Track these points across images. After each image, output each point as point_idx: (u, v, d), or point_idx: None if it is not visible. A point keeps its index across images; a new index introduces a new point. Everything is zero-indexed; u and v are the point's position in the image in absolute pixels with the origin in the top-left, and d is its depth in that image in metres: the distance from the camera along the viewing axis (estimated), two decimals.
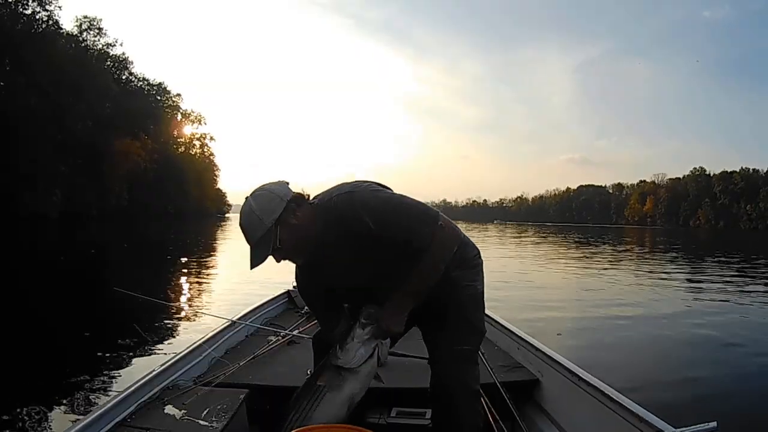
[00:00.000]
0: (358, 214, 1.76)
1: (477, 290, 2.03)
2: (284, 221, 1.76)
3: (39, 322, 6.60)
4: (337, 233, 1.80)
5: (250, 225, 1.78)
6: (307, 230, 1.80)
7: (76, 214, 47.13)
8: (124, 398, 2.20)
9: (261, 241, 1.76)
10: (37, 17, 49.81)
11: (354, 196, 1.79)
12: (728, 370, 5.18)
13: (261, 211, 1.76)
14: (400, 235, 1.78)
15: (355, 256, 1.84)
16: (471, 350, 2.01)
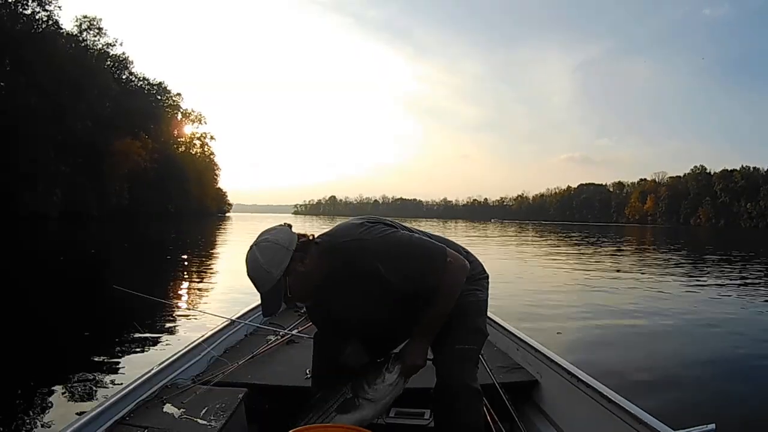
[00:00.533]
0: (368, 261, 1.82)
1: (479, 298, 2.08)
2: (292, 270, 1.79)
3: (38, 320, 6.61)
4: (347, 275, 1.86)
5: (259, 278, 1.79)
6: (316, 275, 1.85)
7: (76, 213, 47.14)
8: (123, 396, 2.20)
9: (271, 292, 1.78)
10: (36, 17, 49.83)
11: (365, 244, 1.83)
12: (728, 372, 5.16)
13: (268, 264, 1.77)
14: (411, 279, 1.84)
15: (362, 295, 1.90)
16: (473, 350, 2.03)
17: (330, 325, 2.10)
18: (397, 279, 1.82)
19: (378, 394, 1.92)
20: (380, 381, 1.91)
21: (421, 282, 1.85)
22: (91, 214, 50.50)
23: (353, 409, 1.91)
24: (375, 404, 1.93)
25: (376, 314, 1.95)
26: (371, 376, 1.93)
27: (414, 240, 1.89)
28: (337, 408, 1.91)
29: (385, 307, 1.93)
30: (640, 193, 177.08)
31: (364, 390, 1.91)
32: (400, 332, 2.04)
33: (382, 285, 1.84)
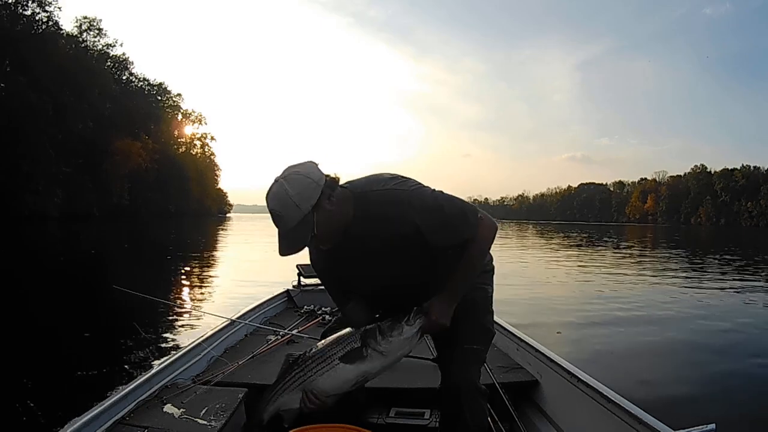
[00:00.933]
0: (404, 213, 1.72)
1: (488, 293, 2.06)
2: (321, 207, 1.65)
3: (39, 321, 6.61)
4: (374, 224, 1.74)
5: (285, 211, 1.63)
6: (342, 219, 1.73)
7: (77, 213, 47.23)
8: (123, 396, 2.20)
9: (297, 228, 1.64)
10: (36, 18, 49.93)
11: (400, 195, 1.73)
12: (728, 371, 5.14)
13: (297, 197, 1.62)
14: (445, 235, 1.76)
15: (385, 247, 1.78)
16: (481, 350, 2.02)
17: (337, 280, 1.98)
18: (430, 231, 1.73)
19: (390, 347, 1.79)
20: (396, 334, 1.78)
21: (455, 236, 1.77)
22: (92, 214, 50.59)
23: (360, 360, 1.79)
24: (384, 358, 1.80)
25: (393, 270, 1.83)
26: (386, 327, 1.79)
27: (447, 195, 1.79)
28: (342, 357, 1.80)
29: (405, 263, 1.82)
30: (640, 192, 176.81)
31: (375, 341, 1.78)
32: (411, 293, 1.87)
33: (409, 239, 1.74)
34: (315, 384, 1.81)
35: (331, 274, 1.97)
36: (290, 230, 1.65)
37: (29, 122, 42.76)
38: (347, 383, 1.81)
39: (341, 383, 1.81)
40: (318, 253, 1.90)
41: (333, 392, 1.81)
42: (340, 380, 1.80)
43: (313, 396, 1.80)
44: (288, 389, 1.86)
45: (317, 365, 1.81)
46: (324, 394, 1.81)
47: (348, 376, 1.80)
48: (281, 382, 1.88)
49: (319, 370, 1.81)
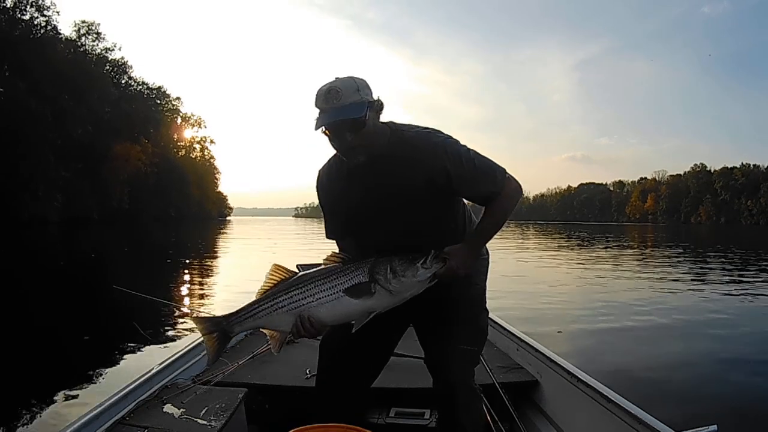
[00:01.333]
0: (437, 156, 1.74)
1: (483, 289, 2.05)
2: (373, 108, 1.70)
3: (39, 322, 6.63)
4: (402, 162, 1.75)
5: (346, 89, 1.65)
6: (379, 138, 1.75)
7: (77, 217, 47.23)
8: (123, 396, 2.20)
9: (351, 106, 1.64)
10: (35, 22, 49.99)
11: (434, 139, 1.77)
12: (730, 371, 5.12)
13: (361, 85, 1.68)
14: (472, 185, 1.79)
15: (404, 187, 1.78)
16: (477, 351, 2.00)
17: (343, 212, 1.91)
18: (458, 177, 1.75)
19: (401, 288, 1.71)
20: (410, 275, 1.70)
21: (482, 187, 1.80)
22: (92, 218, 50.58)
23: (366, 295, 1.70)
24: (392, 297, 1.72)
25: (406, 213, 1.81)
26: (399, 265, 1.70)
27: (479, 153, 1.82)
28: (348, 289, 1.71)
29: (419, 208, 1.81)
30: (640, 191, 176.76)
31: (385, 278, 1.69)
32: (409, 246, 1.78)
33: (433, 184, 1.76)
34: (313, 311, 1.73)
35: (341, 203, 1.90)
36: (344, 105, 1.64)
37: (28, 127, 42.79)
38: (347, 317, 1.75)
39: (342, 316, 1.75)
40: (336, 180, 1.88)
41: (331, 324, 1.76)
42: (342, 313, 1.74)
43: (308, 323, 1.72)
44: (281, 310, 1.75)
45: (319, 292, 1.73)
46: (320, 323, 1.74)
47: (350, 309, 1.73)
48: (274, 300, 1.76)
49: (321, 298, 1.72)
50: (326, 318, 1.73)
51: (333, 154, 1.89)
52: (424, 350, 2.01)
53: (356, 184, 1.83)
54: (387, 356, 2.12)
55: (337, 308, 1.72)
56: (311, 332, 1.74)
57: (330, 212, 1.96)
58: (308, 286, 1.74)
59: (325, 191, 1.95)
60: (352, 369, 2.01)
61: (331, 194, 1.93)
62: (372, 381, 2.10)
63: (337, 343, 2.00)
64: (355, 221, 1.89)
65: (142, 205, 62.26)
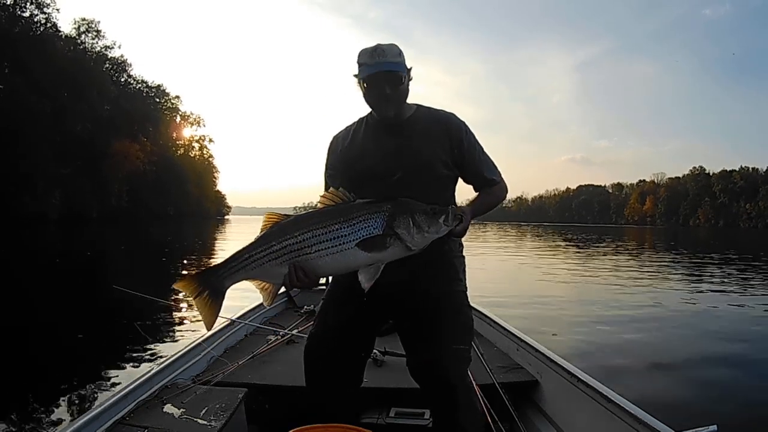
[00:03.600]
0: (461, 130, 1.96)
1: (465, 285, 2.05)
2: (408, 74, 1.89)
3: (38, 321, 6.62)
4: (424, 129, 1.93)
5: (390, 49, 1.84)
6: (409, 104, 1.97)
7: (75, 215, 47.15)
8: (123, 396, 2.20)
9: (395, 63, 1.84)
10: (35, 20, 49.98)
11: (458, 120, 1.99)
12: (729, 372, 5.13)
13: (401, 52, 1.86)
14: (479, 167, 2.01)
15: (417, 155, 1.90)
16: (468, 349, 1.99)
17: (355, 171, 1.93)
18: (470, 156, 1.97)
19: (421, 242, 1.62)
20: (434, 230, 1.62)
21: (487, 172, 2.02)
22: (91, 216, 50.50)
23: (379, 248, 1.58)
24: (405, 251, 1.61)
25: (417, 182, 1.86)
26: (423, 219, 1.61)
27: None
28: (361, 242, 1.57)
29: (431, 178, 1.92)
30: (639, 194, 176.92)
31: (408, 232, 1.58)
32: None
33: (450, 154, 1.93)
34: (313, 263, 1.59)
35: (353, 162, 1.95)
36: (387, 62, 1.82)
37: (28, 124, 42.74)
38: (350, 269, 1.63)
39: (345, 268, 1.63)
40: (352, 140, 2.00)
41: (332, 274, 1.66)
42: (346, 265, 1.62)
43: (303, 274, 1.62)
44: (276, 260, 1.60)
45: (325, 241, 1.57)
46: (320, 274, 1.63)
47: (357, 262, 1.60)
48: (267, 248, 1.60)
49: (324, 249, 1.58)
50: (327, 269, 1.62)
51: (354, 122, 2.05)
52: (410, 350, 1.96)
53: (381, 141, 1.94)
54: (370, 351, 2.12)
55: (343, 260, 1.59)
56: (306, 283, 1.66)
57: (335, 168, 2.01)
58: (308, 234, 1.58)
59: (338, 149, 2.02)
60: (338, 371, 1.99)
61: (346, 151, 1.99)
62: (360, 376, 2.08)
63: (322, 343, 2.00)
64: (363, 177, 1.90)
65: (141, 203, 62.17)
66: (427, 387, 1.90)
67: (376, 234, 1.57)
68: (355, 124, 2.03)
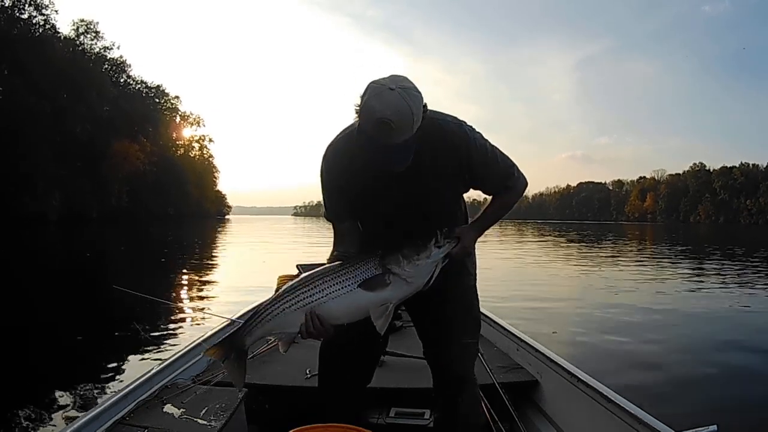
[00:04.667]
0: (471, 145, 1.77)
1: (475, 277, 2.05)
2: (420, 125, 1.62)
3: (37, 321, 6.63)
4: (431, 148, 1.73)
5: (400, 125, 1.52)
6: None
7: (75, 216, 47.16)
8: (123, 396, 2.20)
9: (402, 150, 1.58)
10: (34, 21, 49.98)
11: (466, 130, 1.79)
12: (730, 371, 5.09)
13: (416, 117, 1.55)
14: (493, 180, 1.86)
15: (425, 172, 1.75)
16: (476, 344, 2.04)
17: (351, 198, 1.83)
18: (482, 170, 1.81)
19: (416, 272, 1.64)
20: (424, 256, 1.65)
21: (500, 181, 1.87)
22: (90, 216, 50.50)
23: (381, 286, 1.63)
24: (407, 285, 1.65)
25: (424, 200, 1.81)
26: (409, 251, 1.65)
27: (500, 151, 1.87)
28: (362, 284, 1.64)
29: (433, 198, 1.83)
30: (639, 191, 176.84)
31: (399, 265, 1.63)
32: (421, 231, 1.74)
33: (460, 171, 1.79)
34: (324, 308, 1.65)
35: (355, 182, 1.80)
36: (398, 146, 1.55)
37: (27, 125, 42.74)
38: (362, 311, 1.67)
39: (356, 310, 1.67)
40: (353, 158, 1.73)
41: (343, 320, 1.68)
42: (356, 307, 1.66)
43: (318, 321, 1.65)
44: (288, 309, 1.67)
45: (330, 287, 1.65)
46: (332, 321, 1.67)
47: (365, 302, 1.65)
48: (280, 301, 1.69)
49: (332, 293, 1.65)
50: (339, 314, 1.66)
51: (349, 130, 1.78)
52: (426, 344, 2.02)
53: (382, 183, 1.78)
54: (382, 353, 2.14)
55: (351, 302, 1.65)
56: (321, 331, 1.67)
57: (337, 190, 1.84)
58: (316, 283, 1.66)
59: (336, 167, 1.82)
60: (353, 369, 2.01)
61: (345, 172, 1.80)
62: (370, 379, 2.11)
63: (338, 344, 1.99)
64: (366, 203, 1.83)
65: (140, 204, 62.21)
66: (438, 379, 1.98)
67: (376, 274, 1.65)
68: (353, 149, 1.72)
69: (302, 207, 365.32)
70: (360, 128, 1.58)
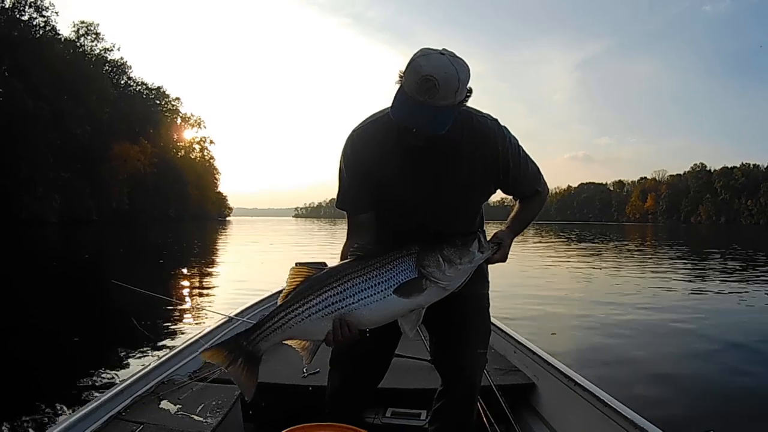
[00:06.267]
0: (506, 147, 1.72)
1: (488, 284, 2.04)
2: (463, 104, 1.55)
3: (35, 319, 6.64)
4: (465, 147, 1.68)
5: (446, 86, 1.45)
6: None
7: (76, 218, 47.18)
8: (119, 392, 2.19)
9: (442, 112, 1.48)
10: (34, 23, 50.05)
11: (505, 132, 1.75)
12: (727, 376, 5.06)
13: (462, 85, 1.48)
14: (523, 182, 1.83)
15: (452, 168, 1.69)
16: (485, 354, 2.01)
17: (372, 186, 1.73)
18: (515, 173, 1.76)
19: (455, 276, 1.54)
20: (466, 261, 1.54)
21: (530, 186, 1.85)
22: (91, 218, 50.52)
23: (417, 292, 1.51)
24: (443, 291, 1.55)
25: (443, 198, 1.72)
26: (453, 252, 1.54)
27: (527, 153, 1.85)
28: (397, 288, 1.50)
29: (458, 195, 1.74)
30: (640, 191, 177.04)
31: (440, 270, 1.52)
32: (432, 231, 1.68)
33: (491, 173, 1.73)
34: (355, 315, 1.51)
35: (378, 173, 1.71)
36: (432, 109, 1.47)
37: (28, 127, 42.80)
38: (393, 317, 1.56)
39: (388, 317, 1.56)
40: (378, 147, 1.69)
41: (375, 325, 1.56)
42: (389, 314, 1.54)
43: (347, 329, 1.52)
44: (315, 315, 1.52)
45: (362, 291, 1.51)
46: (361, 327, 1.54)
47: (398, 309, 1.54)
48: (305, 303, 1.52)
49: (365, 299, 1.51)
50: (370, 321, 1.53)
51: (378, 116, 1.72)
52: (439, 350, 1.97)
53: (417, 161, 1.67)
54: (392, 356, 2.09)
55: (385, 309, 1.52)
56: (348, 338, 1.54)
57: (361, 176, 1.72)
58: (346, 285, 1.51)
59: (364, 150, 1.71)
60: (368, 371, 1.97)
61: (367, 160, 1.71)
62: (381, 380, 2.04)
63: (355, 345, 1.86)
64: (392, 199, 1.74)
65: (141, 206, 62.25)
66: (449, 385, 1.93)
67: (412, 278, 1.52)
68: (383, 130, 1.66)
69: (303, 209, 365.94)
70: (402, 89, 1.50)
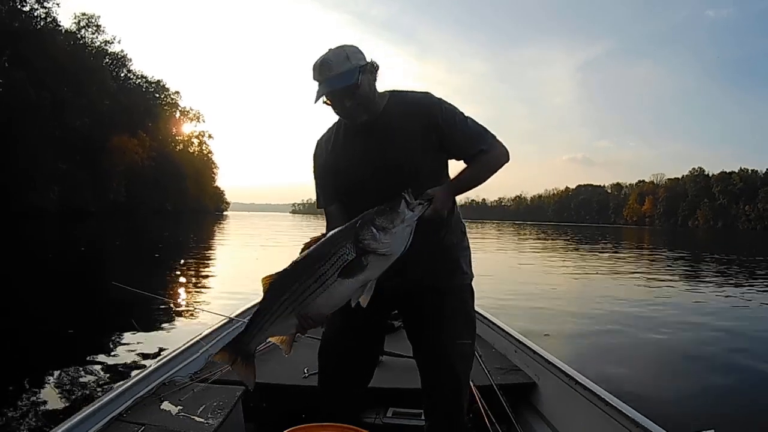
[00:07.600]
0: (436, 109, 1.84)
1: (471, 276, 2.04)
2: (366, 71, 1.79)
3: (34, 317, 6.60)
4: (400, 116, 1.84)
5: (336, 58, 1.76)
6: (378, 99, 1.86)
7: (74, 210, 47.02)
8: (120, 393, 2.20)
9: (342, 75, 1.74)
10: (35, 14, 49.84)
11: (433, 98, 1.89)
12: (728, 375, 5.11)
13: (350, 53, 1.77)
14: (464, 141, 1.86)
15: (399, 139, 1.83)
16: (472, 344, 2.01)
17: (335, 174, 1.93)
18: (451, 132, 1.84)
19: (393, 242, 1.58)
20: (398, 222, 1.58)
21: (473, 144, 1.86)
22: (89, 210, 50.37)
23: (360, 270, 1.59)
24: (386, 259, 1.60)
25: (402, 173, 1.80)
26: (383, 218, 1.58)
27: (474, 119, 1.93)
28: (340, 273, 1.59)
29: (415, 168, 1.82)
30: (638, 194, 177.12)
31: (375, 239, 1.57)
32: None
33: (429, 136, 1.83)
34: (313, 306, 1.65)
35: (337, 165, 1.93)
36: (335, 76, 1.74)
37: (27, 118, 42.58)
38: (345, 299, 1.66)
39: (340, 300, 1.67)
40: (335, 144, 1.96)
41: (335, 308, 1.69)
42: (339, 297, 1.66)
43: (310, 320, 1.68)
44: (283, 315, 1.69)
45: (311, 287, 1.63)
46: (324, 313, 1.70)
47: (347, 290, 1.64)
48: (273, 307, 1.69)
49: (315, 291, 1.63)
50: (328, 306, 1.68)
51: (334, 123, 1.99)
52: (417, 346, 2.01)
53: (358, 144, 1.88)
54: (380, 351, 2.13)
55: (336, 294, 1.64)
56: (315, 325, 1.72)
57: (323, 177, 2.00)
58: (300, 281, 1.64)
59: (322, 156, 1.99)
60: (353, 368, 2.01)
61: (329, 158, 1.97)
62: (370, 379, 2.10)
63: (337, 344, 2.02)
64: (348, 184, 1.90)
65: (139, 199, 62.03)
66: (432, 382, 1.96)
67: (352, 258, 1.60)
68: (335, 126, 1.98)
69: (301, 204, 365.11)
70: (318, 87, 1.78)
